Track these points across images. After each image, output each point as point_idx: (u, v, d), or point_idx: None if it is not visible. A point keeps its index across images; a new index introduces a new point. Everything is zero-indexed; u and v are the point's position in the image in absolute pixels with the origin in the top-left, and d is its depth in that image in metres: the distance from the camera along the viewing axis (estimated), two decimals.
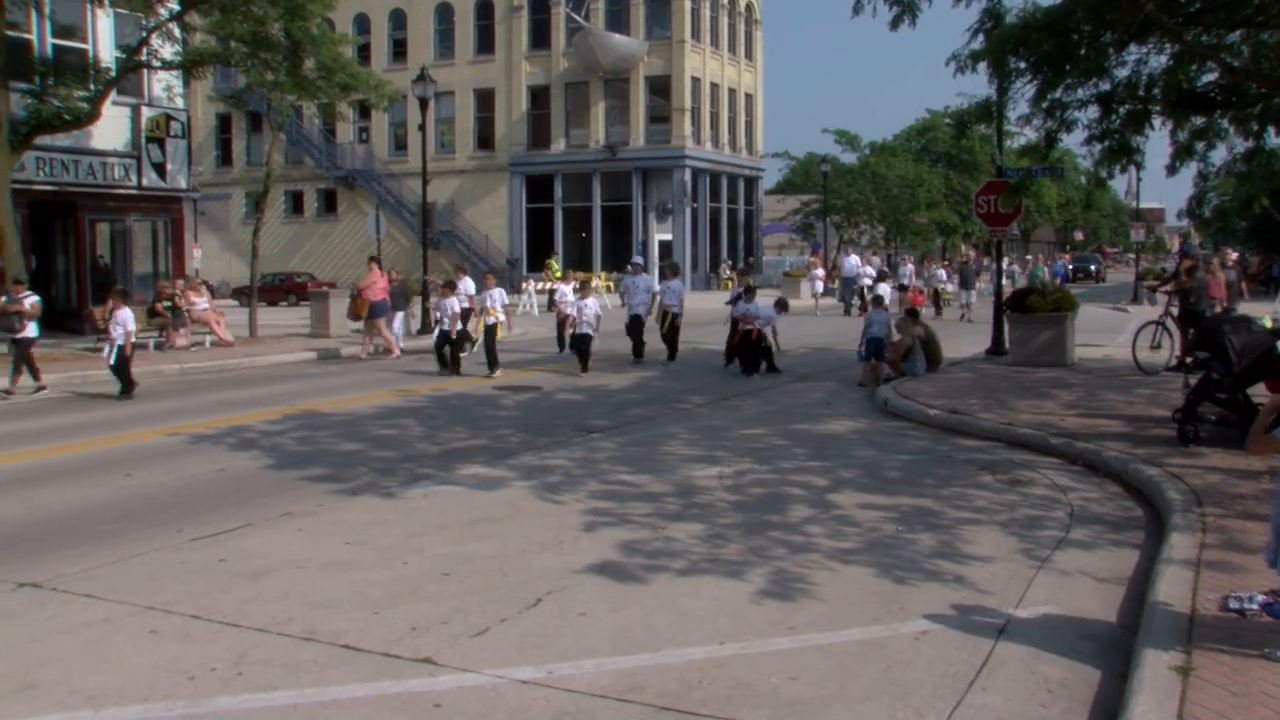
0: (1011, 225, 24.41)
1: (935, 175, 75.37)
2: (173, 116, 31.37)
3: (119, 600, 7.54)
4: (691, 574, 8.07)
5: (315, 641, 6.73)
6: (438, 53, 60.11)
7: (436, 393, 18.48)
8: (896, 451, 13.18)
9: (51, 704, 5.86)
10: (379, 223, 34.86)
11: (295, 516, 9.97)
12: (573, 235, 58.80)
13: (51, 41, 27.94)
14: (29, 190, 27.23)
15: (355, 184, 61.98)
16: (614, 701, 5.81)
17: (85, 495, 11.02)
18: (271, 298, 48.60)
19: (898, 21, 15.46)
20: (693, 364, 22.48)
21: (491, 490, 11.00)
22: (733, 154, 62.57)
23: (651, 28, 57.47)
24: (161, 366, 22.35)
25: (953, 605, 7.31)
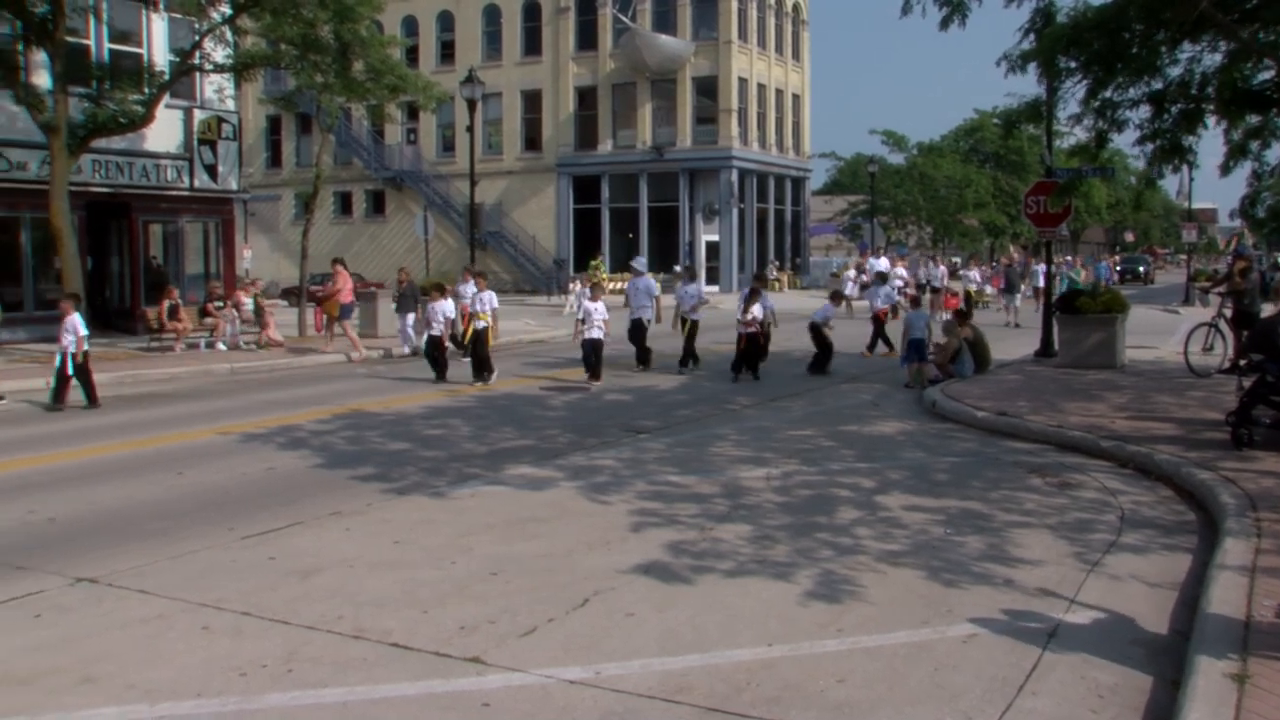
0: (1061, 226, 24.20)
1: (983, 176, 74.89)
2: (224, 119, 31.72)
3: (172, 597, 7.63)
4: (739, 575, 8.06)
5: (364, 640, 6.78)
6: (485, 54, 60.36)
7: (484, 393, 18.56)
8: (944, 453, 13.10)
9: (109, 697, 5.95)
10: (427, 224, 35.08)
11: (344, 516, 10.04)
12: (619, 236, 58.83)
13: (108, 46, 28.38)
14: (86, 192, 27.65)
15: (403, 185, 62.35)
16: (661, 702, 5.81)
17: (139, 493, 11.17)
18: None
19: (947, 22, 15.38)
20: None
21: (539, 490, 11.04)
22: (780, 155, 62.41)
23: (698, 28, 57.40)
24: (212, 366, 22.59)
25: (1001, 609, 7.26)
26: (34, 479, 11.86)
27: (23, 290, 27.95)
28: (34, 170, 26.57)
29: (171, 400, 18.32)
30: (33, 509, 10.37)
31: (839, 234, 79.38)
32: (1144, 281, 74.34)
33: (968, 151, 79.79)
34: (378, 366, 23.30)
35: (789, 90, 63.70)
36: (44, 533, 9.55)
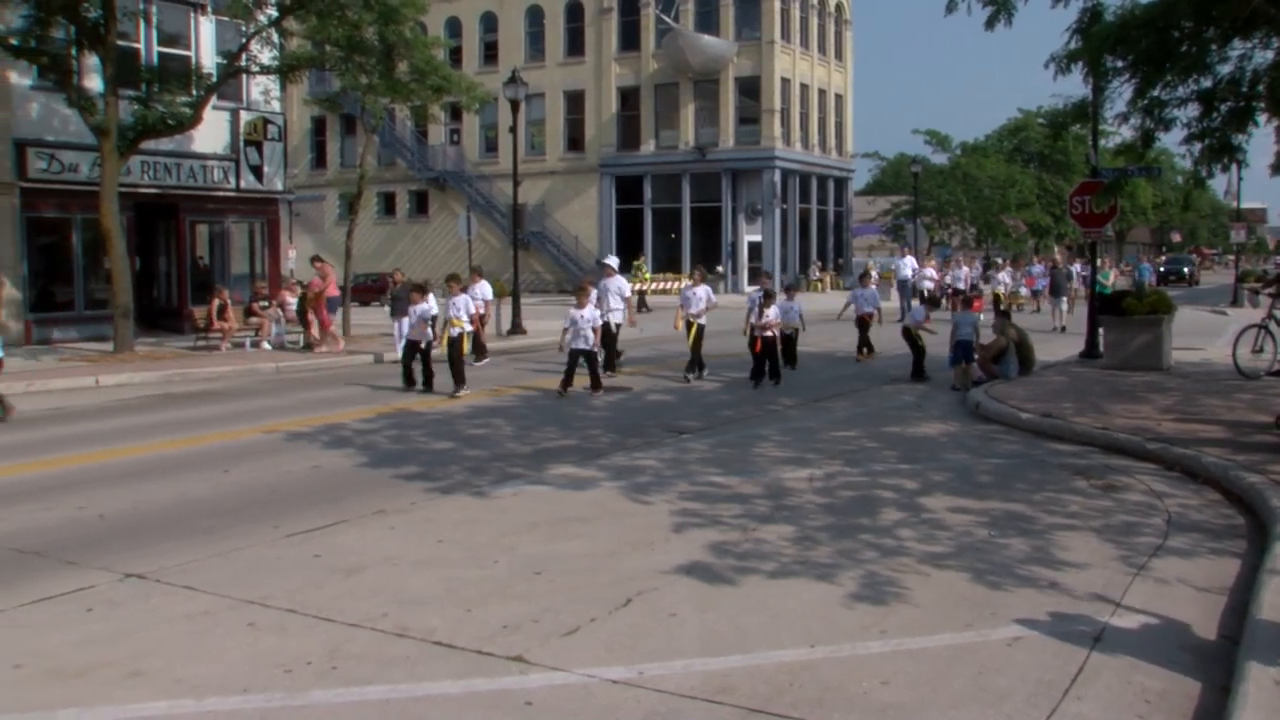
0: (1106, 226, 23.99)
1: (1027, 176, 74.37)
2: (270, 120, 32.01)
3: (218, 593, 7.71)
4: (781, 576, 8.05)
5: (408, 638, 6.81)
6: (528, 55, 60.54)
7: (525, 392, 18.62)
8: (988, 455, 13.02)
9: (157, 691, 6.01)
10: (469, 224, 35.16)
11: (388, 514, 10.11)
12: (662, 237, 58.85)
13: (157, 50, 28.75)
14: (134, 193, 28.00)
15: (446, 185, 62.62)
16: (703, 703, 5.80)
17: (187, 490, 11.29)
18: (364, 298, 49.24)
19: (993, 21, 15.27)
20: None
21: (582, 490, 11.06)
22: (822, 155, 62.21)
23: (741, 29, 57.33)
24: (257, 365, 22.80)
25: (1046, 612, 7.20)
26: (84, 475, 12.02)
27: (74, 289, 28.35)
28: (85, 172, 26.95)
29: (218, 399, 18.50)
30: (83, 505, 10.51)
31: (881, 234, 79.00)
32: (1188, 283, 72.58)
33: (1011, 151, 79.25)
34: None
35: (831, 90, 63.49)
36: (94, 529, 9.68)
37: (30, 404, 17.88)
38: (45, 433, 15.18)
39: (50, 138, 27.15)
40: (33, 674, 6.29)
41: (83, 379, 20.11)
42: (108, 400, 18.51)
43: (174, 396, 18.87)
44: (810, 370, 21.90)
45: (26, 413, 16.97)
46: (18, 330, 26.63)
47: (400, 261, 61.44)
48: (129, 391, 19.43)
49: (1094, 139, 24.46)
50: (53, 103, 26.61)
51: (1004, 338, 19.72)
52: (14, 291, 26.61)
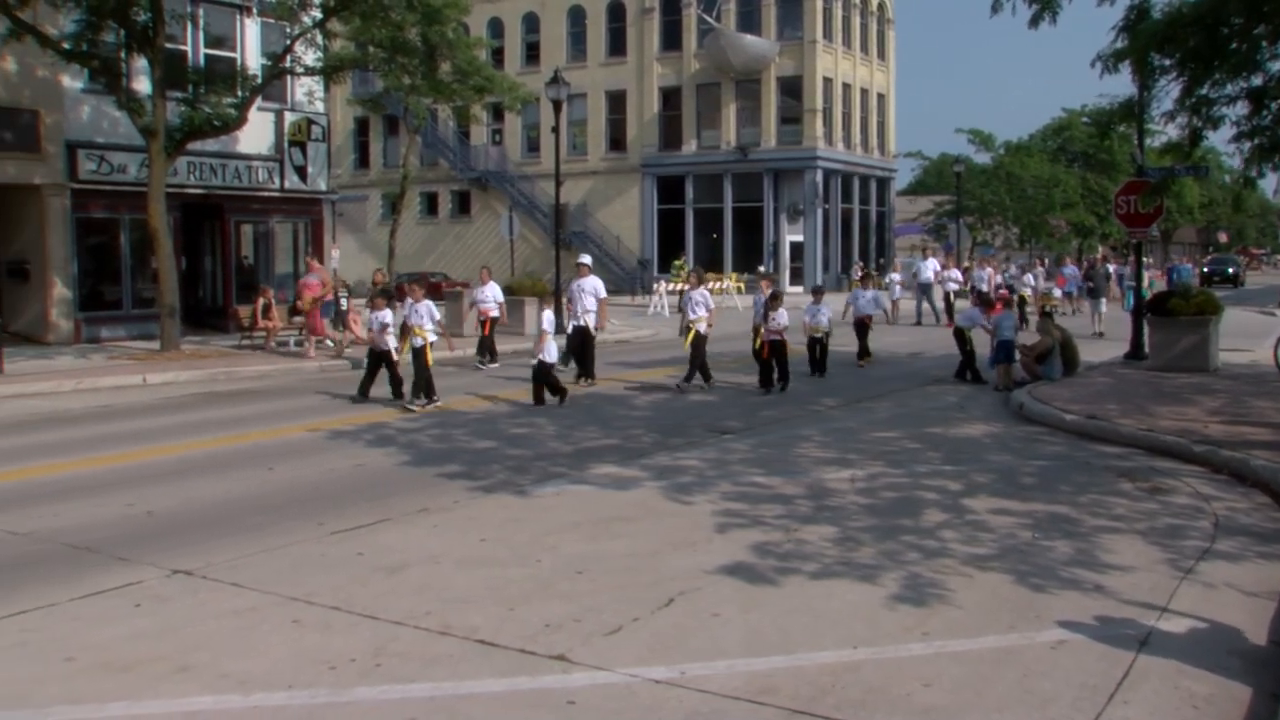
0: (1151, 227, 23.76)
1: (1071, 175, 73.69)
2: (314, 120, 32.22)
3: (264, 590, 7.78)
4: (824, 577, 8.03)
5: (451, 636, 6.85)
6: (570, 55, 60.62)
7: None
8: (1031, 457, 12.93)
9: (204, 686, 6.09)
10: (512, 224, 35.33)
11: (431, 512, 10.16)
12: (703, 237, 58.80)
13: (204, 52, 29.04)
14: (181, 194, 28.28)
15: (488, 185, 62.84)
16: (746, 703, 5.80)
17: (233, 488, 11.40)
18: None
19: (1037, 19, 15.17)
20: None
21: (624, 490, 11.08)
22: (864, 155, 61.95)
23: (783, 28, 57.18)
24: (301, 364, 22.97)
25: (1091, 615, 7.15)
26: (133, 473, 12.17)
27: (121, 289, 28.67)
28: (133, 173, 27.24)
29: (262, 397, 18.66)
30: (132, 502, 10.64)
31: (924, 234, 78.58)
32: (1234, 283, 70.81)
33: (1055, 151, 78.57)
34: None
35: (874, 90, 63.22)
36: (143, 525, 9.80)
37: (80, 402, 18.12)
38: (95, 430, 15.37)
39: (100, 139, 27.49)
40: (84, 667, 6.39)
41: (130, 377, 20.34)
42: (155, 398, 18.71)
43: (219, 395, 19.04)
44: (849, 371, 21.82)
45: (76, 410, 17.21)
46: (68, 329, 26.98)
47: (443, 261, 61.93)
48: (175, 390, 19.64)
49: (1140, 138, 24.24)
50: (103, 105, 26.93)
51: (1048, 338, 19.59)
52: (65, 290, 26.98)
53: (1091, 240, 75.84)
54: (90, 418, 16.58)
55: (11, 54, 25.11)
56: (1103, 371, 20.58)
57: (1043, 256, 62.57)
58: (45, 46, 23.46)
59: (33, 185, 26.37)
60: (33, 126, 26.13)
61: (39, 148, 26.23)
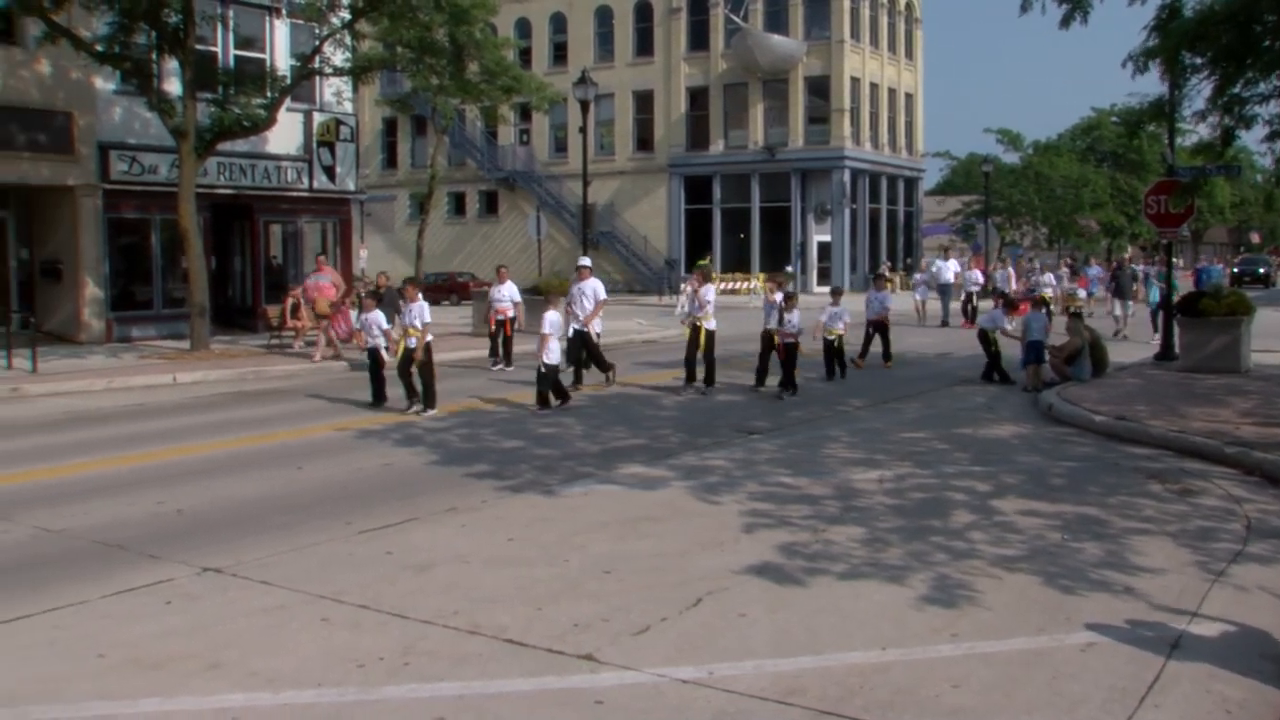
0: (1182, 227, 23.59)
1: (1101, 175, 73.28)
2: (342, 121, 32.37)
3: (293, 588, 7.82)
4: (851, 577, 8.02)
5: (480, 635, 6.87)
6: (597, 55, 60.67)
7: (596, 392, 18.64)
8: (1060, 458, 12.87)
9: (234, 683, 6.13)
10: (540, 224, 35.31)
11: (459, 512, 10.19)
12: (731, 236, 58.74)
13: (234, 53, 29.23)
14: (211, 194, 28.46)
15: (516, 185, 62.94)
16: (774, 704, 5.80)
17: (261, 486, 11.47)
18: (434, 297, 49.48)
19: (1068, 20, 15.10)
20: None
21: (651, 490, 11.09)
22: (892, 154, 61.76)
23: (810, 28, 57.06)
24: (330, 363, 23.07)
25: (1121, 617, 7.10)
26: (164, 471, 12.26)
27: (152, 289, 28.90)
28: (164, 173, 27.44)
29: (290, 397, 18.75)
30: (162, 500, 10.71)
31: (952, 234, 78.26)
32: (1265, 283, 69.67)
33: (1085, 150, 78.17)
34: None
35: (902, 89, 63.02)
36: (173, 523, 9.87)
37: (111, 400, 18.26)
38: (126, 429, 15.49)
39: (132, 140, 27.70)
40: (116, 663, 6.44)
41: (161, 376, 20.49)
42: (185, 397, 18.83)
43: (248, 394, 19.14)
44: (878, 371, 21.76)
45: (107, 409, 17.34)
46: (99, 328, 27.21)
47: (470, 261, 62.07)
48: (205, 389, 19.77)
49: (1170, 137, 24.08)
50: (134, 106, 27.15)
51: (1078, 339, 19.48)
52: (97, 290, 27.21)
53: (1121, 240, 75.41)
54: (121, 416, 16.70)
55: (46, 57, 25.44)
56: (1132, 372, 20.45)
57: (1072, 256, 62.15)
58: (79, 49, 23.70)
59: (66, 186, 26.60)
60: (66, 128, 26.39)
61: (72, 149, 26.47)
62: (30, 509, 10.37)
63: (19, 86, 25.58)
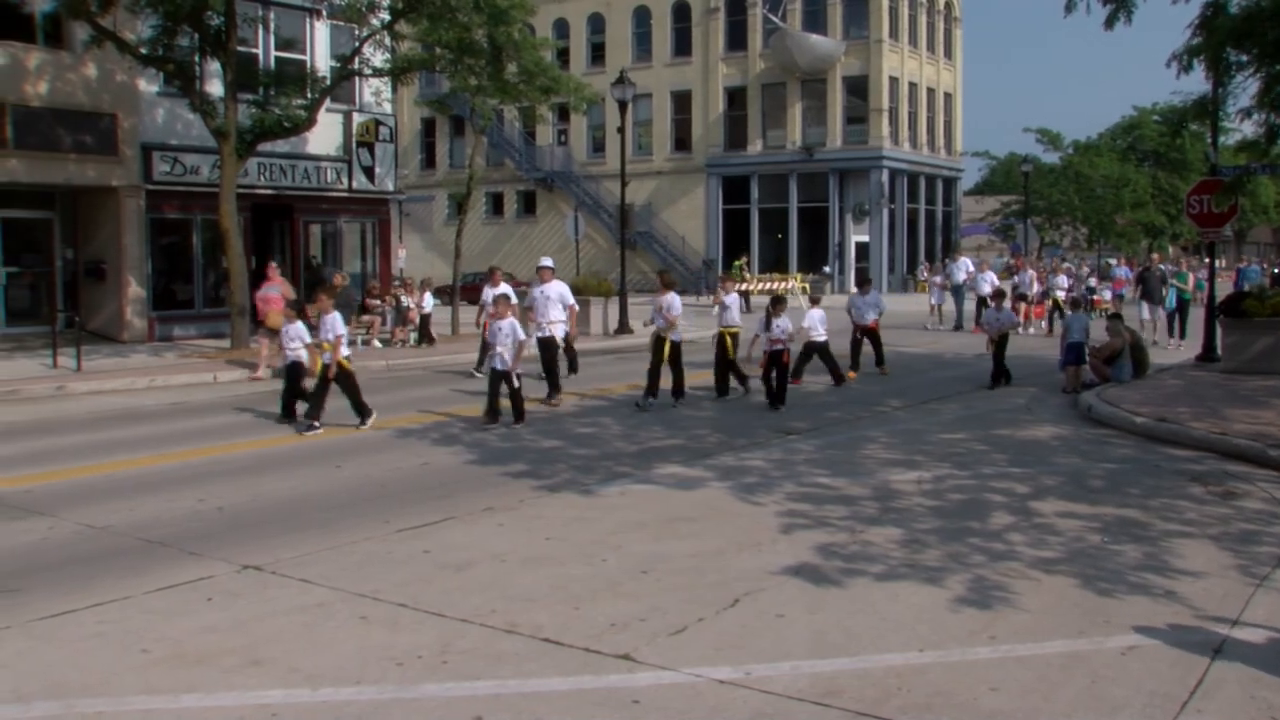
0: (1225, 226, 23.34)
1: (1142, 175, 72.64)
2: (381, 121, 32.56)
3: (331, 586, 7.88)
4: (889, 579, 7.99)
5: (517, 634, 6.90)
6: (635, 55, 60.71)
7: (634, 391, 18.64)
8: (1100, 459, 12.77)
9: (274, 680, 6.18)
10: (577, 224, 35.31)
11: (496, 511, 10.23)
12: (768, 237, 58.66)
13: (274, 54, 29.47)
14: (252, 194, 28.69)
15: (554, 185, 63.09)
16: (811, 705, 5.79)
17: (300, 485, 11.55)
18: (472, 297, 49.60)
19: (1112, 20, 14.97)
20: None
21: (689, 490, 11.09)
22: (931, 154, 61.47)
23: (849, 27, 56.89)
24: (369, 363, 23.18)
25: (1162, 621, 7.04)
26: (204, 469, 12.37)
27: (193, 288, 29.18)
28: (205, 174, 27.70)
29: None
30: (203, 498, 10.82)
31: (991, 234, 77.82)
32: None
33: (1125, 150, 77.49)
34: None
35: (940, 89, 62.71)
36: (213, 521, 9.96)
37: (153, 399, 18.45)
38: (168, 427, 15.63)
39: (174, 141, 27.98)
40: (159, 659, 6.51)
41: (202, 375, 20.68)
42: (225, 396, 19.00)
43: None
44: (917, 372, 21.68)
45: (149, 407, 17.52)
46: (142, 327, 27.50)
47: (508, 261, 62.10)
48: (244, 387, 19.93)
49: (1214, 135, 23.81)
50: (176, 108, 27.41)
51: (1118, 340, 19.32)
52: (139, 290, 27.48)
53: (1162, 240, 74.73)
54: (163, 414, 16.87)
55: (92, 60, 25.82)
56: (1173, 374, 20.26)
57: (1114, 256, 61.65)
58: (124, 51, 24.00)
59: (110, 187, 26.91)
60: (111, 130, 26.71)
61: (117, 150, 26.78)
62: (75, 506, 10.50)
63: (66, 89, 25.92)
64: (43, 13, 25.95)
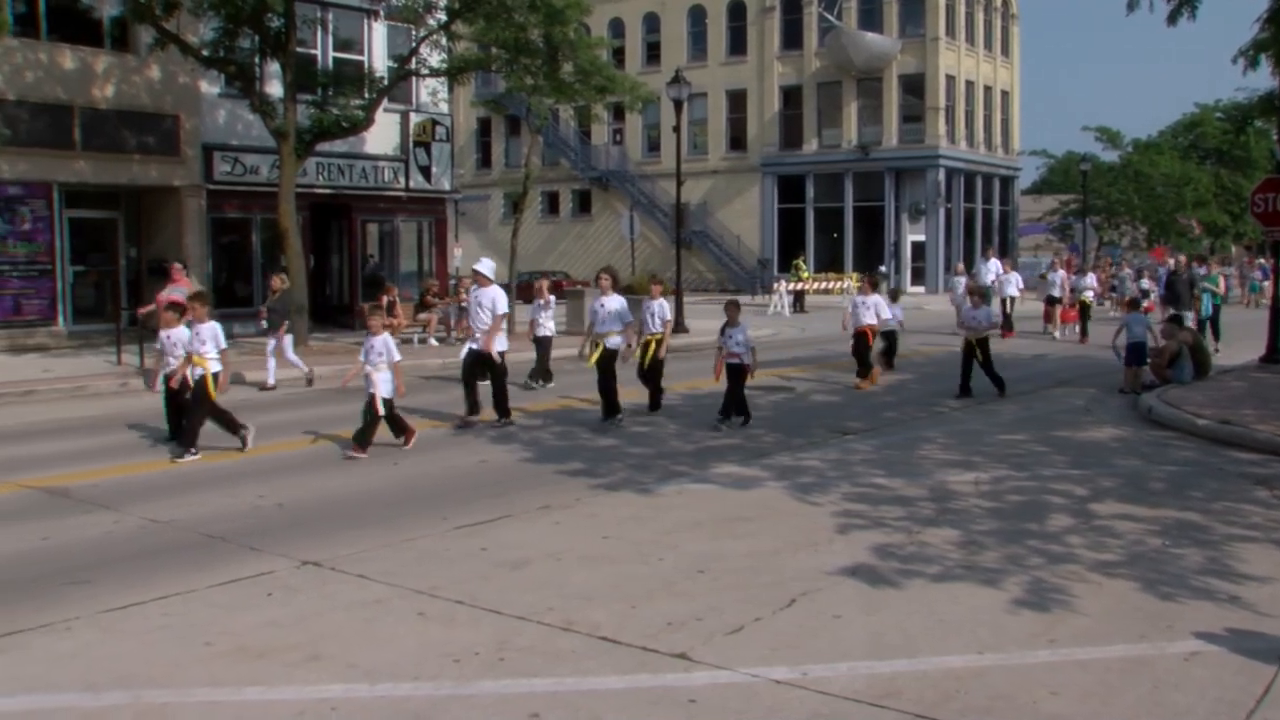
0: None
1: (1204, 173, 71.49)
2: (438, 121, 32.77)
3: (389, 582, 7.95)
4: (946, 580, 7.95)
5: (573, 632, 6.92)
6: (690, 55, 60.64)
7: (691, 391, 18.63)
8: (1161, 462, 12.61)
9: (333, 675, 6.26)
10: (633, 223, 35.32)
11: (552, 509, 10.27)
12: (824, 236, 58.38)
13: (333, 55, 29.77)
14: (310, 194, 28.99)
15: (609, 185, 63.15)
16: (869, 706, 5.77)
17: (358, 482, 11.66)
18: (528, 295, 49.79)
19: (1176, 15, 14.79)
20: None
21: (745, 489, 11.08)
22: (988, 153, 60.91)
23: (905, 25, 56.48)
24: (424, 360, 23.37)
25: (1226, 627, 6.94)
26: (264, 465, 12.53)
27: (252, 287, 29.49)
28: (265, 174, 28.05)
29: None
30: (263, 494, 10.95)
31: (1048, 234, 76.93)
32: None
33: (1187, 148, 76.28)
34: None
35: (998, 87, 62.12)
36: (273, 517, 10.09)
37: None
38: None
39: (234, 142, 28.36)
40: (221, 652, 6.61)
41: (261, 373, 20.85)
42: (284, 394, 19.20)
43: (345, 391, 19.41)
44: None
45: None
46: None
47: (563, 260, 62.40)
48: (303, 385, 20.11)
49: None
50: (237, 109, 27.78)
51: (1174, 342, 19.05)
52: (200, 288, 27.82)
53: (1224, 240, 73.57)
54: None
55: (156, 62, 26.26)
56: (1236, 375, 19.96)
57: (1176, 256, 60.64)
58: (186, 54, 24.37)
59: (172, 187, 27.32)
60: (173, 131, 27.14)
61: (179, 151, 27.19)
62: (139, 500, 10.67)
63: (131, 92, 26.38)
64: (110, 17, 26.45)
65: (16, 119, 24.52)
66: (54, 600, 7.59)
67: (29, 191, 25.54)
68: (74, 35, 25.85)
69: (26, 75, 24.91)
